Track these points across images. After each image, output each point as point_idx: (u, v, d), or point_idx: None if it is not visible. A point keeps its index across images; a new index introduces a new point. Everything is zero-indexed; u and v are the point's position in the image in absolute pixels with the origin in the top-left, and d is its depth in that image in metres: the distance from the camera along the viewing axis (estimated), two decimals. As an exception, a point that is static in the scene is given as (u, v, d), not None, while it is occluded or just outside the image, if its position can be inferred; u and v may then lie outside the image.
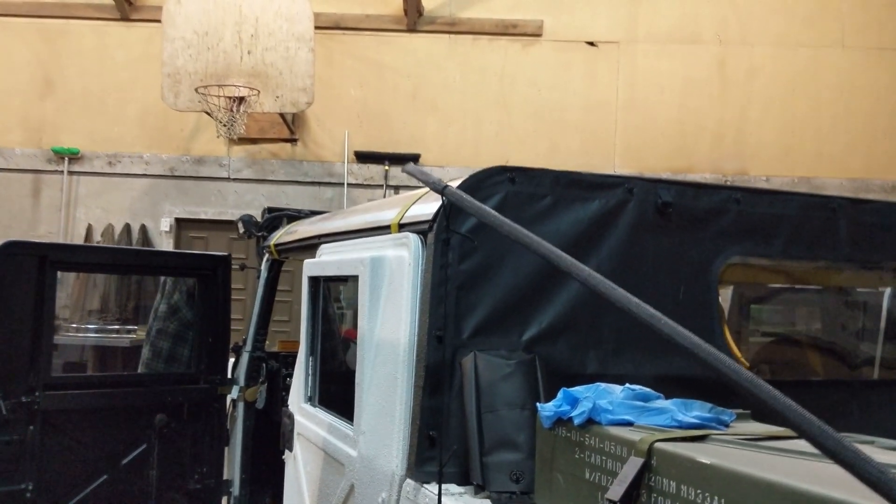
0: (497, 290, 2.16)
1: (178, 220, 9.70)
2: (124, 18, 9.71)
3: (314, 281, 3.01)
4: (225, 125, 8.35)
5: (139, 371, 4.21)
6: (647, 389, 1.79)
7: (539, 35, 9.68)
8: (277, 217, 4.37)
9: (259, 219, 4.41)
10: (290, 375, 4.38)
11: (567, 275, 2.24)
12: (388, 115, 9.71)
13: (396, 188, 9.68)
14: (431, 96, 9.67)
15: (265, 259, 4.23)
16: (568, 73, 9.62)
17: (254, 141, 9.68)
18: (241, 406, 4.22)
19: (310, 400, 2.98)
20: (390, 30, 9.74)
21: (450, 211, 2.13)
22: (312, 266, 2.97)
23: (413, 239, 2.26)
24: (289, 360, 4.33)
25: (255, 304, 4.24)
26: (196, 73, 8.34)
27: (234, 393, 4.20)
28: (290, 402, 3.20)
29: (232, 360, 4.34)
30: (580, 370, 2.14)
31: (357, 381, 2.43)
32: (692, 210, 2.36)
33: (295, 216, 4.40)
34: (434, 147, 9.68)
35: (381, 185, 9.66)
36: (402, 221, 2.39)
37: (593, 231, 2.26)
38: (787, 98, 9.53)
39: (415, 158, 9.63)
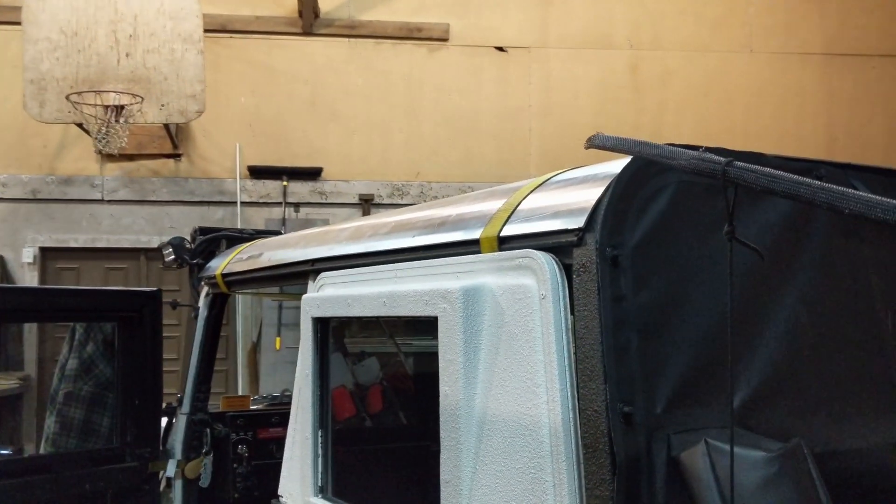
0: (689, 335, 1.42)
1: (43, 250, 8.54)
2: (-28, 18, 8.40)
3: (323, 325, 2.16)
4: (102, 138, 7.30)
5: (41, 452, 3.18)
6: None
7: (445, 39, 9.13)
8: (214, 239, 3.48)
9: (190, 242, 3.49)
10: (242, 442, 3.49)
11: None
12: (285, 124, 8.88)
13: (297, 206, 8.87)
14: (332, 103, 8.92)
15: (204, 293, 3.31)
16: (479, 79, 9.12)
17: (131, 157, 8.62)
18: (178, 485, 3.28)
19: (321, 491, 2.11)
20: (284, 33, 8.94)
21: (620, 208, 1.38)
22: (322, 303, 2.12)
23: (543, 260, 1.48)
24: (238, 423, 3.43)
25: (194, 351, 3.30)
26: (65, 79, 7.29)
27: (169, 469, 3.26)
28: (282, 490, 2.31)
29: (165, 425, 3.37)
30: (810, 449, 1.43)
31: (445, 477, 1.62)
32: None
33: (236, 237, 3.52)
34: (337, 158, 8.93)
35: (280, 203, 8.80)
36: (508, 233, 1.60)
37: (787, 239, 1.55)
38: (700, 102, 9.37)
39: (316, 172, 8.83)
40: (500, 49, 9.19)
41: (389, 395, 3.58)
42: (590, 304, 1.38)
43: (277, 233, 3.65)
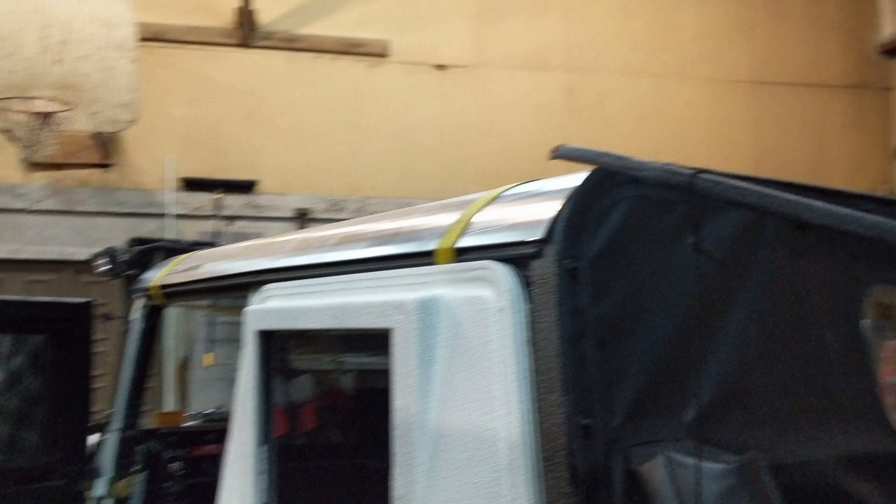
0: (647, 347, 1.43)
1: (-39, 261, 8.16)
2: None
3: (268, 338, 2.10)
4: (28, 146, 7.08)
5: (-38, 469, 3.03)
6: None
7: (386, 55, 9.14)
8: (150, 250, 3.37)
9: (124, 252, 3.37)
10: (176, 459, 3.37)
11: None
12: (220, 136, 8.74)
13: (230, 219, 8.72)
14: (269, 116, 8.82)
15: (139, 306, 3.21)
16: (419, 96, 9.14)
17: (59, 166, 8.35)
18: (108, 505, 3.15)
19: (265, 512, 2.05)
20: (221, 44, 8.82)
21: (579, 220, 1.39)
22: (267, 316, 2.07)
23: (501, 271, 1.47)
24: (172, 440, 3.32)
25: (125, 365, 3.19)
26: (-10, 85, 7.02)
27: (98, 489, 3.13)
28: (221, 508, 2.24)
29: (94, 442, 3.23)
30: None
31: (397, 493, 1.58)
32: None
33: (173, 248, 3.42)
34: (273, 172, 8.82)
35: (213, 216, 8.65)
36: (464, 245, 1.58)
37: (738, 255, 1.58)
38: (635, 125, 9.56)
39: (251, 185, 8.71)
40: (440, 67, 9.24)
41: (335, 409, 3.52)
42: (549, 316, 1.38)
43: (215, 244, 3.57)
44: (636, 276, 1.46)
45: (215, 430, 3.45)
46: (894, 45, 9.63)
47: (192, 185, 8.60)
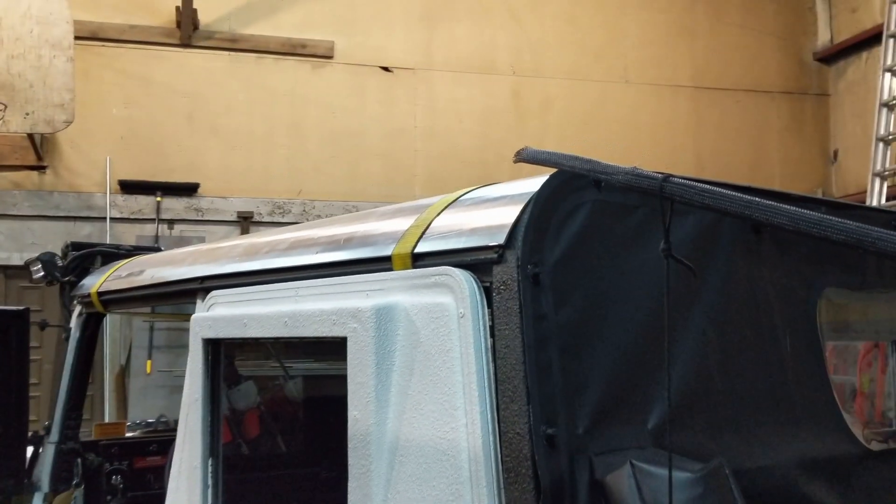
0: (609, 353, 1.40)
1: None
2: None
3: (214, 347, 2.02)
4: (-42, 146, 6.83)
5: None
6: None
7: (330, 57, 9.04)
8: (88, 255, 3.25)
9: (61, 258, 3.24)
10: (117, 473, 3.26)
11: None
12: (160, 138, 8.55)
13: (171, 222, 8.53)
14: (211, 118, 8.66)
15: (77, 313, 3.08)
16: (364, 98, 9.07)
17: (-9, 168, 8.06)
18: (45, 520, 3.02)
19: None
20: (161, 43, 8.63)
21: (540, 225, 1.35)
22: (214, 324, 1.99)
23: (461, 277, 1.43)
24: (112, 452, 3.20)
25: (64, 375, 3.06)
26: (-81, 83, 6.77)
27: (35, 503, 3.00)
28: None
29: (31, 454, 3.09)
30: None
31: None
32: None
33: (112, 253, 3.30)
34: (215, 174, 8.66)
35: (153, 220, 8.46)
36: (423, 250, 1.54)
37: (696, 259, 1.56)
38: (580, 129, 9.62)
39: (192, 187, 8.54)
40: (386, 69, 9.18)
41: (287, 420, 3.44)
42: (511, 323, 1.34)
43: (158, 249, 3.45)
44: (598, 281, 1.41)
45: (158, 441, 3.35)
46: (831, 52, 9.87)
47: (132, 187, 8.39)
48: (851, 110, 9.69)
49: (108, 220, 8.31)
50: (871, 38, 8.99)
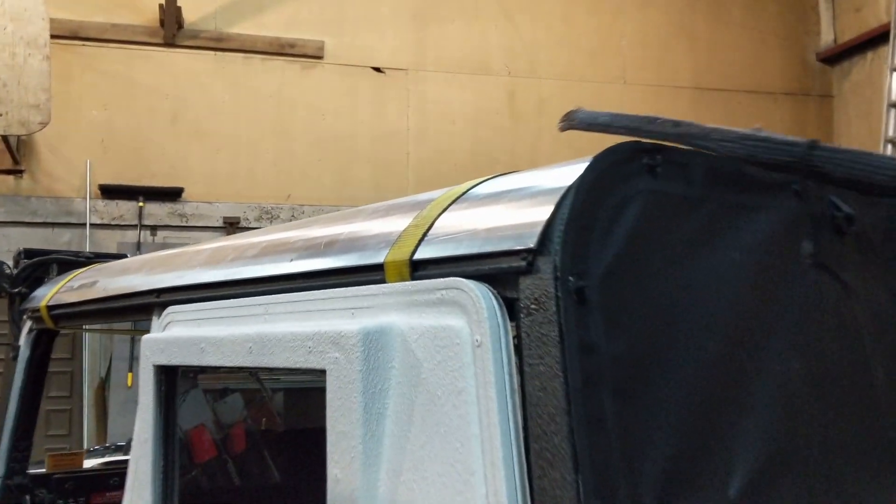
0: (681, 395, 1.04)
1: None
2: None
3: (167, 374, 1.68)
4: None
5: None
6: None
7: (320, 57, 8.76)
8: (41, 264, 2.91)
9: (12, 267, 2.90)
10: (71, 508, 2.90)
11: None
12: (143, 141, 8.26)
13: (154, 228, 8.22)
14: (196, 120, 8.37)
15: (27, 329, 2.73)
16: (354, 99, 8.79)
17: (-36, 172, 7.76)
18: (-11, 563, 2.67)
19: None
20: (144, 43, 8.35)
21: (585, 223, 1.00)
22: (167, 347, 1.65)
23: (477, 292, 1.07)
24: (66, 487, 2.84)
25: (11, 399, 2.71)
26: None
27: (-23, 546, 2.65)
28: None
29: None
30: None
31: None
32: (879, 229, 1.39)
33: (70, 261, 2.96)
34: (200, 178, 8.37)
35: (135, 226, 8.15)
36: (424, 256, 1.19)
37: (771, 265, 1.21)
38: (576, 132, 9.28)
39: (176, 192, 8.22)
40: (378, 70, 8.89)
41: (253, 468, 3.07)
42: (548, 356, 0.98)
43: (123, 256, 3.11)
44: (662, 298, 1.07)
45: (120, 473, 2.99)
46: (835, 53, 9.61)
47: (113, 192, 8.09)
48: (856, 112, 9.43)
49: (87, 226, 8.02)
50: (877, 38, 8.74)
